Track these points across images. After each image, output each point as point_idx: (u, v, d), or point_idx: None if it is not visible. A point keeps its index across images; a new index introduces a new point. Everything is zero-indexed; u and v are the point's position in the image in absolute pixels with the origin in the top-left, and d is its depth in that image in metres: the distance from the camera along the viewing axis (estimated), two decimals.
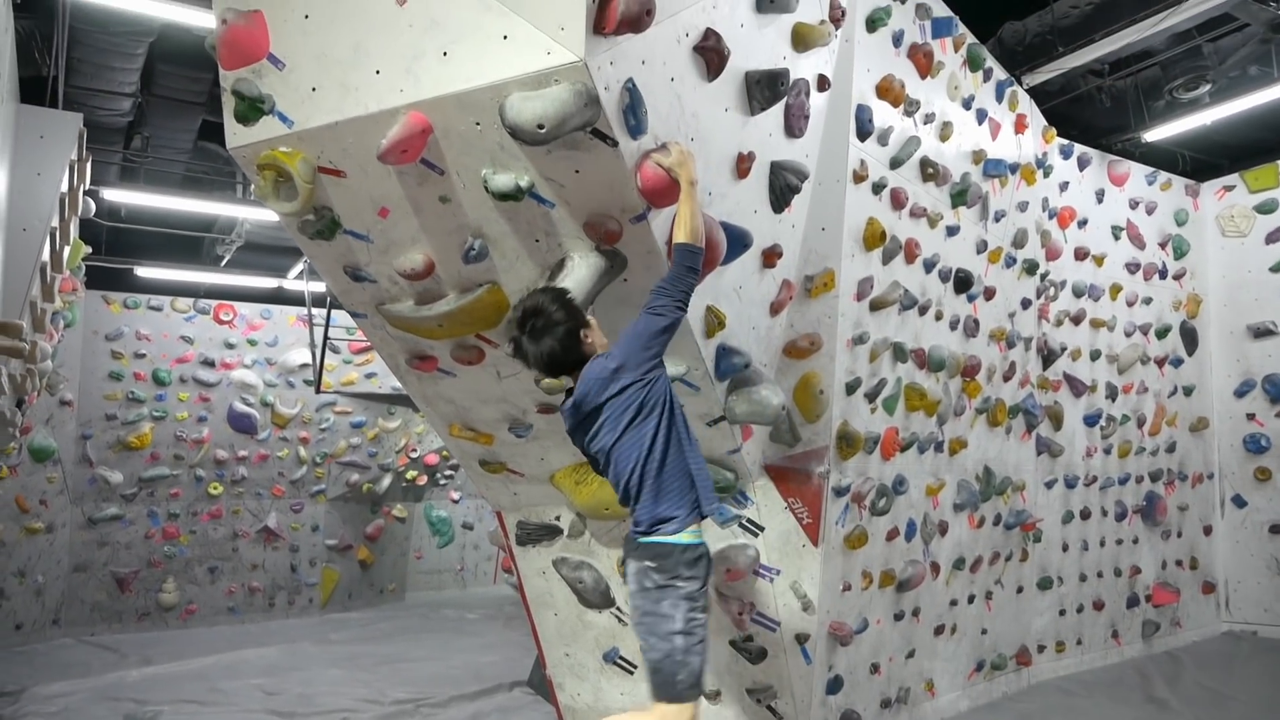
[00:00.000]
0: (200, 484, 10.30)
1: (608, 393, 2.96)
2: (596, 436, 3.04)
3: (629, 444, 2.96)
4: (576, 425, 3.12)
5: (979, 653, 6.09)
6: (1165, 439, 7.83)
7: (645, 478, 2.97)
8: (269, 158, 3.17)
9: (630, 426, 2.95)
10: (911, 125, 4.92)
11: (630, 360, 2.94)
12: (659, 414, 2.96)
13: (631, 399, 2.94)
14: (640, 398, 2.94)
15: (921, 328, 5.22)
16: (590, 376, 3.01)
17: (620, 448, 2.98)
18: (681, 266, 2.98)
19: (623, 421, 2.95)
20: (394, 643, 8.99)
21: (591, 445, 3.10)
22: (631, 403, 2.94)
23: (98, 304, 9.88)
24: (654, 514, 2.99)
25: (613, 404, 2.95)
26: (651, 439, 2.95)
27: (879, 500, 4.90)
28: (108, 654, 8.62)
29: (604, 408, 2.97)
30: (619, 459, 3.00)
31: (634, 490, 3.01)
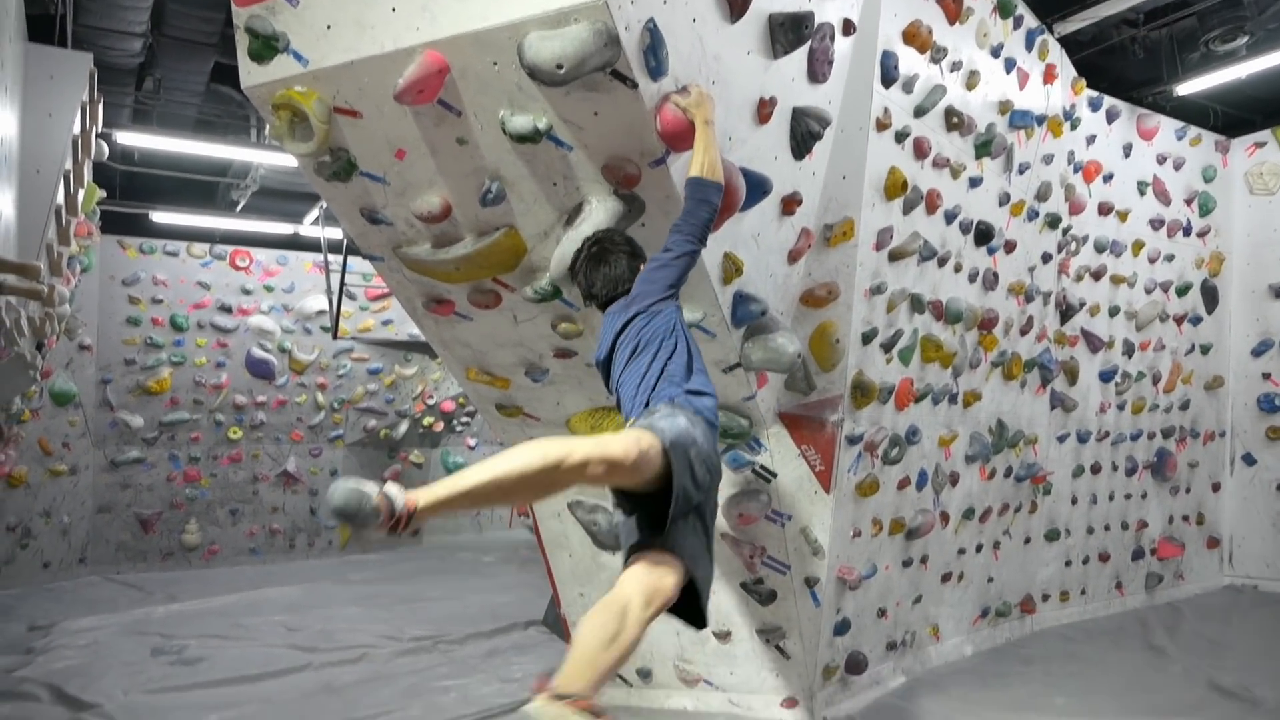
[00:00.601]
0: (220, 428, 10.44)
1: (615, 327, 2.93)
2: (610, 373, 2.99)
3: (630, 375, 2.81)
4: (604, 370, 3.06)
5: (984, 600, 6.17)
6: (1179, 396, 7.79)
7: (641, 402, 2.72)
8: (284, 97, 3.16)
9: (632, 359, 2.83)
10: (937, 73, 4.84)
11: (640, 294, 2.91)
12: (659, 344, 2.78)
13: (634, 330, 2.86)
14: (641, 328, 2.84)
15: (940, 279, 5.19)
16: (608, 315, 3.02)
17: (623, 380, 2.85)
18: (693, 200, 2.91)
19: (625, 354, 2.87)
20: (412, 583, 9.16)
21: (610, 383, 3.03)
22: (633, 334, 2.86)
23: (114, 249, 9.93)
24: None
25: (621, 338, 2.91)
26: (647, 367, 2.75)
27: (891, 450, 4.93)
28: (134, 591, 8.84)
29: (616, 342, 2.93)
30: (623, 389, 2.84)
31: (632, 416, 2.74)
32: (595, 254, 3.04)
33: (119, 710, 5.05)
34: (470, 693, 5.30)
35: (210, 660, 6.16)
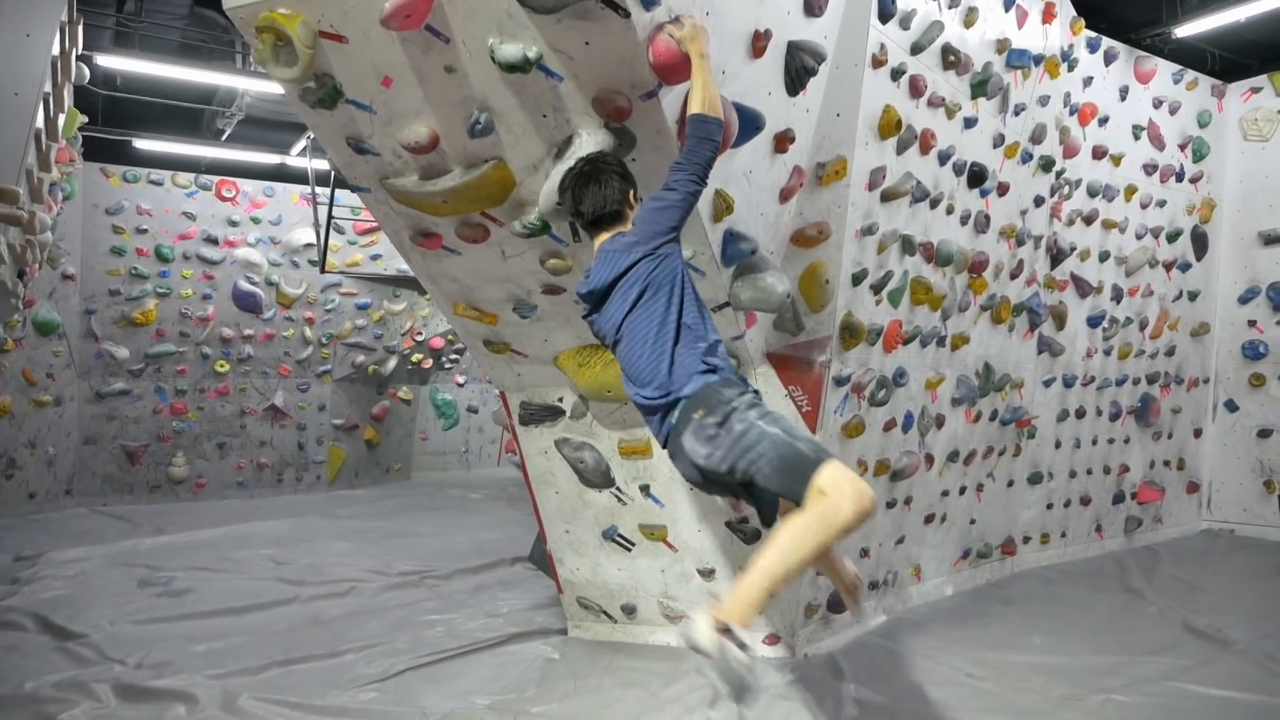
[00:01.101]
0: (206, 361, 10.41)
1: (619, 267, 2.89)
2: (604, 312, 2.99)
3: (639, 321, 2.84)
4: (592, 305, 3.05)
5: (966, 541, 6.28)
6: (1165, 342, 7.85)
7: (660, 355, 2.81)
8: (268, 20, 3.06)
9: (639, 303, 2.84)
10: (935, 9, 4.74)
11: (644, 234, 2.88)
12: (669, 291, 2.83)
13: (640, 273, 2.85)
14: (648, 271, 2.84)
15: (932, 221, 5.16)
16: (605, 250, 2.97)
17: (630, 324, 2.87)
18: (695, 138, 2.88)
19: (630, 296, 2.86)
20: (400, 519, 9.26)
21: (601, 322, 3.04)
22: (639, 277, 2.85)
23: (96, 177, 9.77)
24: (672, 379, 2.80)
25: (624, 280, 2.89)
26: (662, 316, 2.81)
27: (878, 391, 4.95)
28: (120, 523, 8.90)
29: (617, 283, 2.90)
30: (630, 335, 2.88)
31: (646, 367, 2.84)
32: (587, 172, 2.98)
33: (105, 640, 5.11)
34: (456, 627, 5.38)
35: (197, 592, 6.23)
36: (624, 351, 2.94)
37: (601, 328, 3.07)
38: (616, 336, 2.97)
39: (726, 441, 2.63)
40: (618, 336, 2.96)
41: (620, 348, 2.97)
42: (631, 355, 2.90)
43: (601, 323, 3.04)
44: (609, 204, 2.96)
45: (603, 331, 3.07)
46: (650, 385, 2.84)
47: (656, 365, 2.82)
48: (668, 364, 2.80)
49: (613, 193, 2.96)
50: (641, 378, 2.88)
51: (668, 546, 4.79)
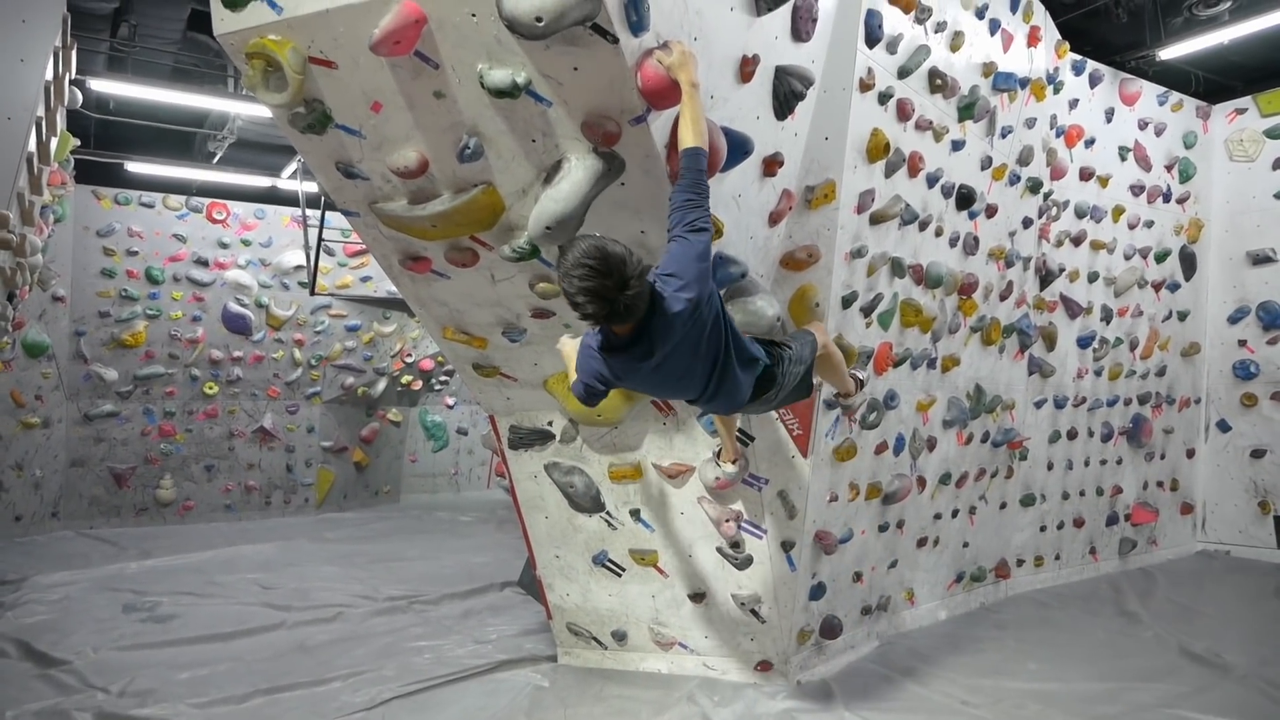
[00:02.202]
0: (195, 383, 10.35)
1: (691, 316, 2.93)
2: (670, 358, 2.99)
3: (706, 354, 3.08)
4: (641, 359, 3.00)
5: (959, 565, 6.25)
6: (1156, 363, 7.87)
7: (725, 377, 3.18)
8: (258, 46, 3.07)
9: (706, 342, 3.04)
10: (922, 33, 4.77)
11: (692, 280, 2.89)
12: (724, 323, 3.11)
13: (704, 317, 2.98)
14: (710, 314, 3.00)
15: (921, 243, 5.18)
16: (673, 313, 2.89)
17: (698, 362, 3.08)
18: (697, 172, 2.91)
19: (700, 341, 3.02)
20: (388, 542, 9.19)
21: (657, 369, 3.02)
22: (704, 320, 2.98)
23: (88, 199, 9.74)
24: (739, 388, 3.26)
25: (696, 313, 2.94)
26: (725, 345, 3.12)
27: (869, 414, 4.95)
28: (107, 546, 8.81)
29: (687, 324, 2.95)
30: (695, 372, 3.12)
31: (713, 387, 3.20)
32: (628, 308, 2.77)
33: (88, 667, 5.04)
34: (444, 654, 5.32)
35: (183, 618, 6.16)
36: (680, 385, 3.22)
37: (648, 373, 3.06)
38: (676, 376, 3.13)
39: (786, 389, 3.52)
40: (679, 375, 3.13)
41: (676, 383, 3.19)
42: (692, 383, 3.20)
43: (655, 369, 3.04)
44: (639, 311, 2.84)
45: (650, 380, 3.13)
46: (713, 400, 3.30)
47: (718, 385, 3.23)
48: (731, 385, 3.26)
49: (640, 313, 2.85)
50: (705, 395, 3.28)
51: (658, 572, 4.76)
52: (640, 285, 2.75)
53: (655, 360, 2.97)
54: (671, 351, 2.97)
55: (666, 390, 3.35)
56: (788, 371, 3.45)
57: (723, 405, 3.39)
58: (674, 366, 3.04)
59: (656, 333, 2.91)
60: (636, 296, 2.75)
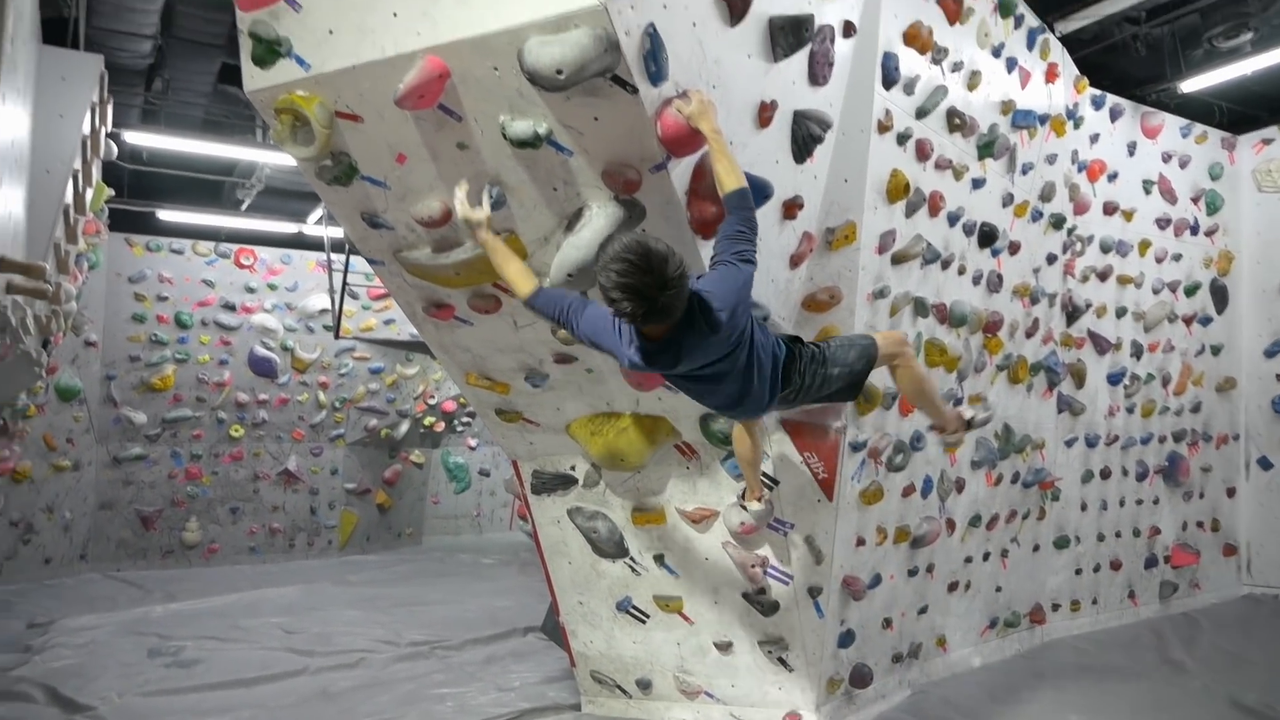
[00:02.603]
0: (222, 426, 10.44)
1: (726, 346, 3.00)
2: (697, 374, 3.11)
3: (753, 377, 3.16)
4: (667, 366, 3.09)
5: (992, 610, 6.11)
6: (1190, 399, 7.72)
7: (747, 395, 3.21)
8: (286, 102, 3.13)
9: (750, 367, 3.12)
10: (939, 74, 4.79)
11: (731, 307, 2.91)
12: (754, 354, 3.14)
13: (738, 351, 3.04)
14: (744, 349, 3.07)
15: (944, 282, 5.14)
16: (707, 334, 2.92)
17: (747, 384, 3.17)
18: (746, 209, 2.96)
19: (739, 363, 3.08)
20: (410, 585, 9.15)
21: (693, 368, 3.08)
22: (737, 354, 3.05)
23: (121, 246, 9.95)
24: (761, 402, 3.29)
25: (731, 353, 3.03)
26: (770, 365, 3.22)
27: (896, 456, 4.88)
28: (133, 589, 8.84)
29: (721, 354, 3.02)
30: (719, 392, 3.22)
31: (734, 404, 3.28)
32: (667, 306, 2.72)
33: (113, 713, 5.03)
34: (467, 701, 5.26)
35: (207, 662, 6.14)
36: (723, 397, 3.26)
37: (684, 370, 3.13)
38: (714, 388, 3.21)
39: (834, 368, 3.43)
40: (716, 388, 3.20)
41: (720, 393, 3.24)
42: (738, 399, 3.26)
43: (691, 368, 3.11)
44: (678, 311, 2.81)
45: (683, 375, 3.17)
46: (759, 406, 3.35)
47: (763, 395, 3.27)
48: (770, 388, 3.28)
49: (679, 312, 2.82)
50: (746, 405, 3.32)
51: (683, 618, 4.69)
52: (680, 286, 2.70)
53: (680, 370, 3.08)
54: (700, 370, 3.06)
55: (683, 388, 3.34)
56: (807, 370, 3.33)
57: (743, 415, 3.55)
58: (698, 380, 3.17)
59: (686, 346, 2.93)
60: (675, 297, 2.71)
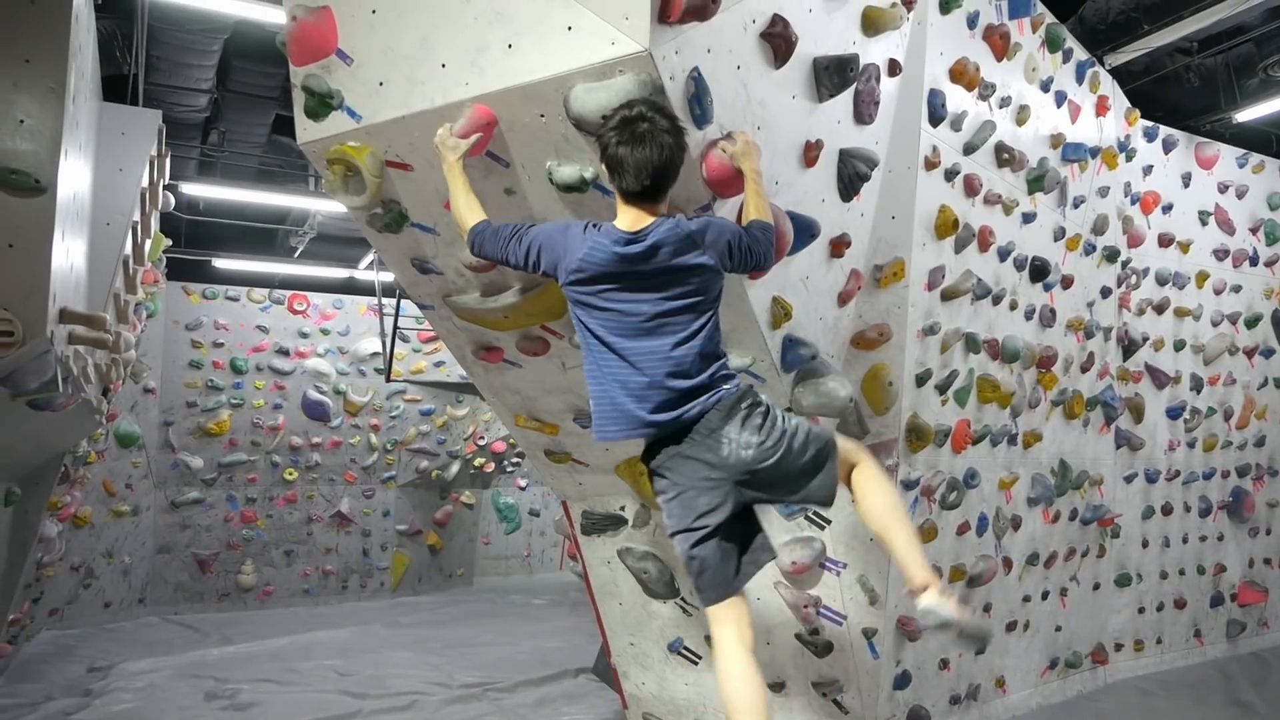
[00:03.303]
0: (276, 469, 10.62)
1: (682, 259, 2.67)
2: (640, 297, 2.70)
3: (678, 327, 2.71)
4: (611, 267, 2.69)
5: (1053, 650, 5.93)
6: (1254, 432, 7.48)
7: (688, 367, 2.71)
8: (338, 152, 3.22)
9: (685, 308, 2.71)
10: (986, 109, 4.77)
11: (713, 242, 2.70)
12: (713, 311, 2.79)
13: (696, 280, 2.71)
14: (705, 284, 2.73)
15: (995, 318, 5.07)
16: (666, 227, 2.68)
17: (668, 327, 2.71)
18: (765, 236, 2.87)
19: (677, 297, 2.70)
20: (462, 627, 9.15)
21: (623, 302, 2.71)
22: (695, 282, 2.71)
23: (178, 295, 10.24)
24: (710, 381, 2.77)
25: (680, 274, 2.69)
26: (700, 330, 2.73)
27: (949, 494, 4.79)
28: (190, 633, 8.97)
29: (669, 273, 2.68)
30: (659, 333, 2.71)
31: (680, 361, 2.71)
32: (637, 134, 2.56)
33: None
34: None
35: (262, 705, 6.18)
36: (643, 344, 2.72)
37: (616, 304, 2.73)
38: (636, 327, 2.72)
39: (775, 432, 2.79)
40: (638, 329, 2.71)
41: (639, 338, 2.72)
42: (652, 352, 2.72)
43: (622, 301, 2.72)
44: (667, 166, 2.61)
45: (615, 308, 2.73)
46: (679, 378, 2.71)
47: (688, 361, 2.72)
48: (699, 361, 2.74)
49: (670, 157, 2.61)
50: (671, 370, 2.71)
51: None
52: (683, 138, 2.63)
53: (634, 297, 2.68)
54: (651, 301, 2.68)
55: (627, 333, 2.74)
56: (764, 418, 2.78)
57: (658, 415, 2.75)
58: (635, 334, 2.71)
59: (661, 256, 2.66)
60: (678, 148, 2.60)
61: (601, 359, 2.79)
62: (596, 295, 2.74)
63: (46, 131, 3.76)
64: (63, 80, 3.80)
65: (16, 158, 3.69)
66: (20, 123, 3.70)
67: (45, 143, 3.76)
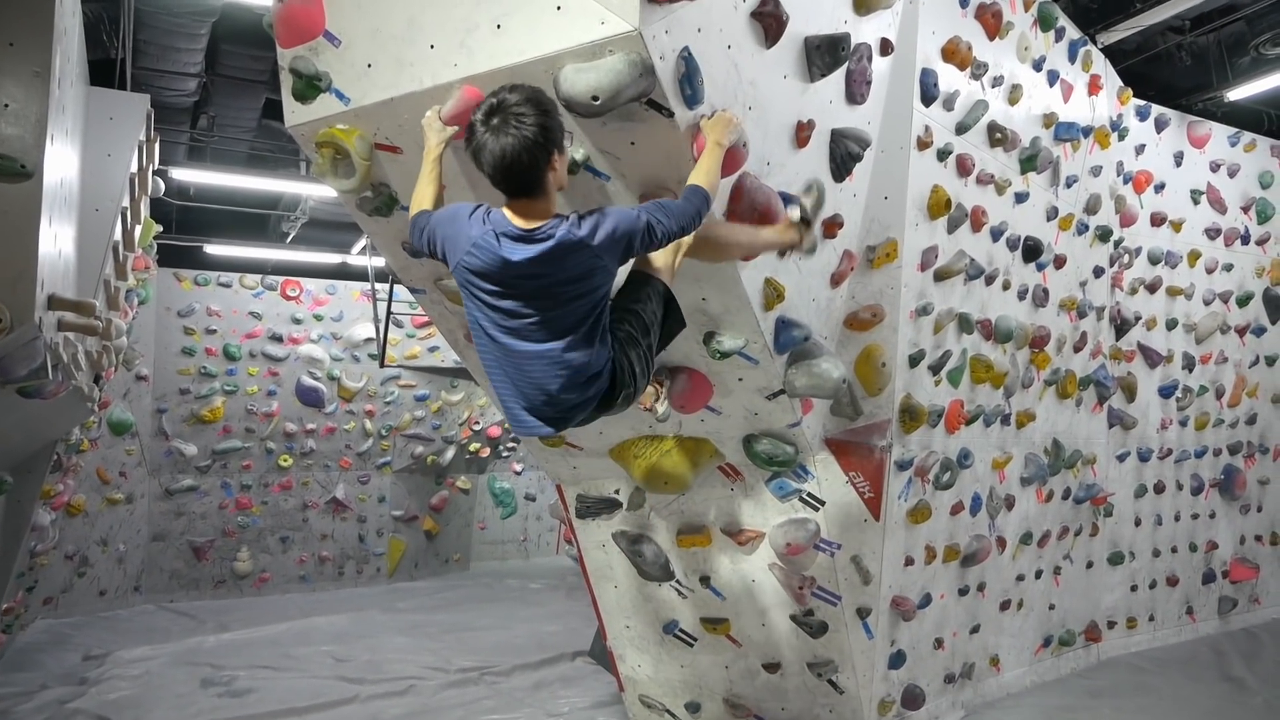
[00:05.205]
0: (271, 456, 10.60)
1: (564, 271, 2.53)
2: (521, 302, 2.58)
3: (561, 346, 2.60)
4: (496, 271, 2.55)
5: (1046, 628, 5.97)
6: (1245, 410, 7.52)
7: (568, 384, 2.64)
8: (327, 135, 3.19)
9: (573, 327, 2.60)
10: (979, 89, 4.75)
11: (604, 245, 2.53)
12: (598, 319, 2.64)
13: (580, 291, 2.56)
14: (589, 293, 2.58)
15: (988, 298, 5.08)
16: (551, 231, 2.52)
17: (547, 343, 2.60)
18: (693, 207, 2.68)
19: (562, 312, 2.58)
20: (459, 612, 9.18)
21: (503, 301, 2.59)
22: (576, 297, 2.57)
23: (170, 281, 10.18)
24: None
25: (563, 287, 2.55)
26: (583, 316, 2.60)
27: (943, 474, 4.81)
28: (186, 620, 8.98)
29: (550, 283, 2.55)
30: (539, 347, 2.61)
31: (548, 388, 2.64)
32: (494, 124, 2.44)
33: None
34: None
35: (259, 692, 6.20)
36: (522, 350, 2.63)
37: (499, 302, 2.61)
38: (516, 331, 2.61)
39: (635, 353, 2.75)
40: (519, 332, 2.61)
41: (517, 343, 2.63)
42: (531, 362, 2.64)
43: (502, 300, 2.60)
44: (516, 164, 2.44)
45: (499, 306, 2.61)
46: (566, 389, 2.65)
47: (558, 389, 2.65)
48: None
49: (520, 150, 2.43)
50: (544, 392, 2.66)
51: (731, 641, 4.64)
52: (550, 116, 2.47)
53: (519, 290, 2.55)
54: (527, 272, 2.52)
55: (499, 349, 2.66)
56: (625, 355, 2.73)
57: (549, 414, 2.71)
58: (531, 312, 2.57)
59: (550, 251, 2.50)
60: (541, 124, 2.43)
61: (485, 351, 2.71)
62: (480, 290, 2.61)
63: (32, 116, 3.71)
64: (48, 64, 3.75)
65: (2, 142, 3.65)
66: (4, 107, 3.66)
67: (31, 127, 3.71)
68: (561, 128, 2.56)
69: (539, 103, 2.49)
